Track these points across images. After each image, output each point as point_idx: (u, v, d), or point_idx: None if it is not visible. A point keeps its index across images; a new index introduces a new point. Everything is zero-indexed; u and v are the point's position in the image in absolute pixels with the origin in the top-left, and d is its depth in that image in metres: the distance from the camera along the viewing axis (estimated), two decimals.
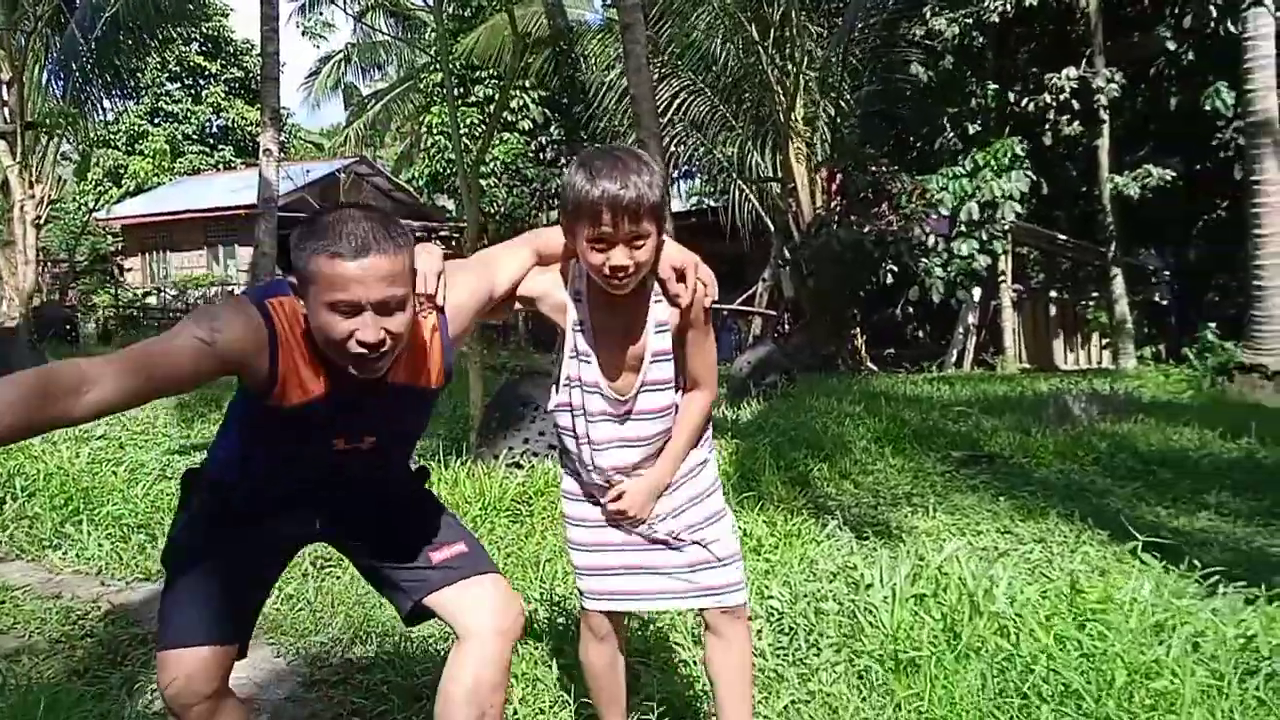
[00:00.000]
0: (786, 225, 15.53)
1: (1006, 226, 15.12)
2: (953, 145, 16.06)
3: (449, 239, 27.50)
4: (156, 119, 33.60)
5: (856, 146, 16.18)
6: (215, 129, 34.98)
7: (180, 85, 34.39)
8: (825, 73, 15.78)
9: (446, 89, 17.91)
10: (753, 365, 9.74)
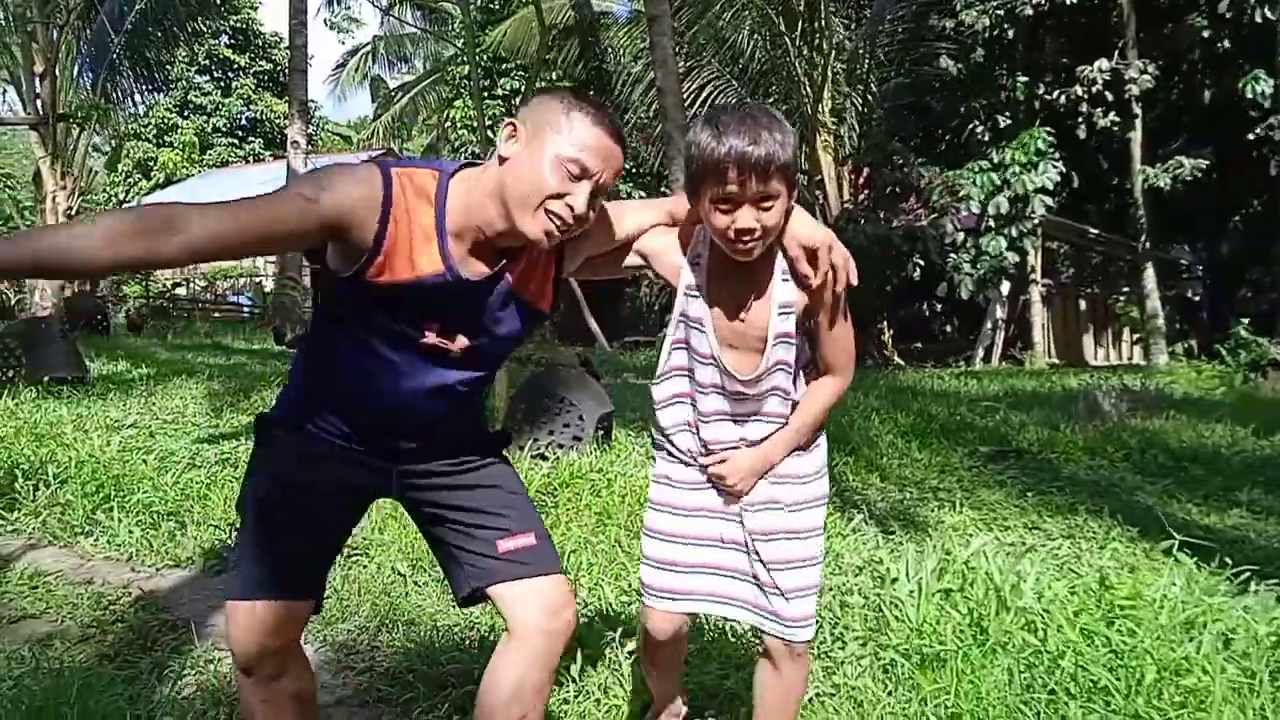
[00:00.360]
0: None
1: (1036, 221, 14.95)
2: (982, 138, 15.93)
3: None
4: (186, 111, 33.92)
5: (884, 140, 16.07)
6: (244, 121, 35.27)
7: (210, 78, 34.71)
8: (853, 65, 15.69)
9: (473, 82, 17.99)
10: None
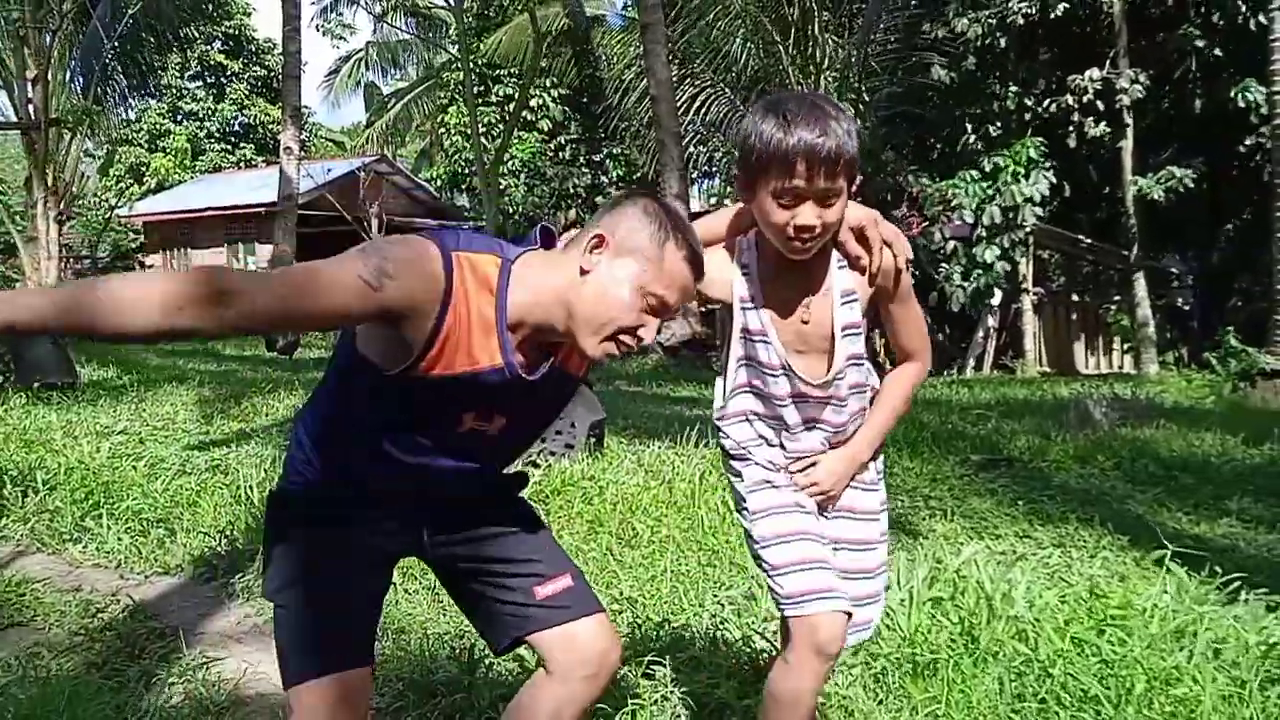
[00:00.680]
0: None
1: (1028, 230, 15.01)
2: (975, 148, 15.99)
3: None
4: (179, 117, 33.87)
5: (878, 147, 16.12)
6: (237, 127, 35.22)
7: (203, 84, 34.66)
8: (845, 73, 15.74)
9: (466, 88, 17.93)
10: None
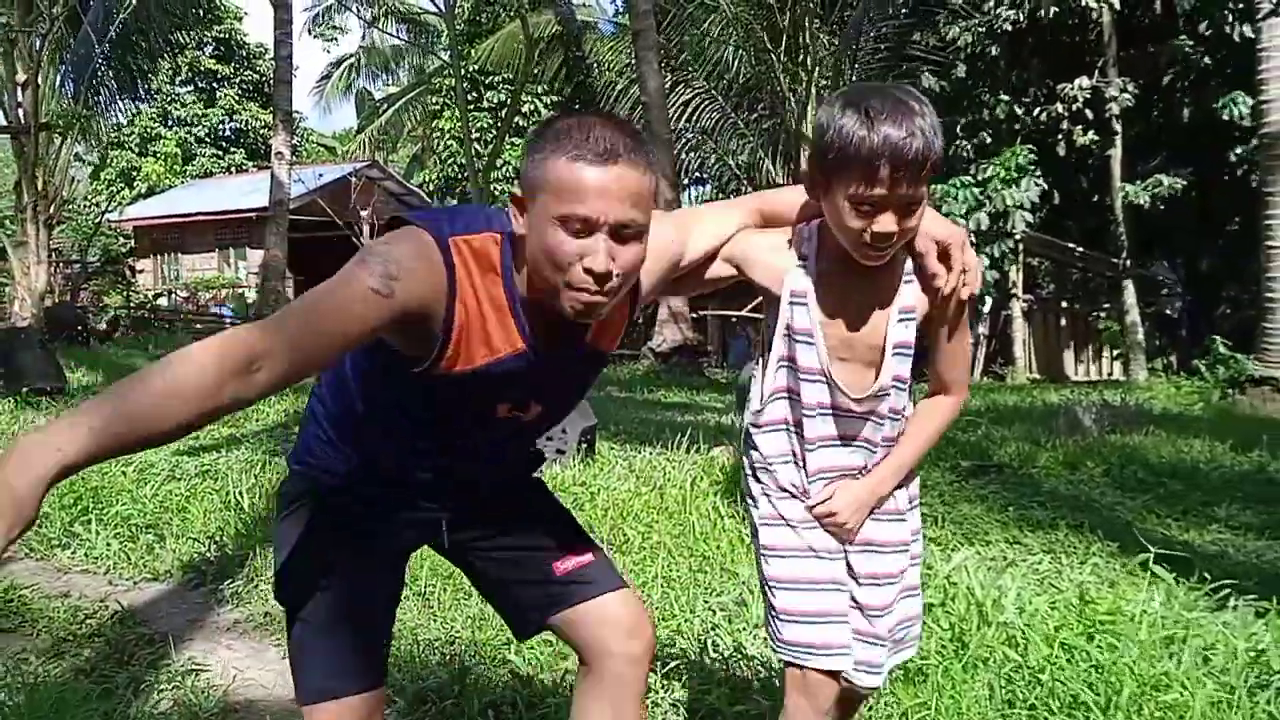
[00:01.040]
0: None
1: (1018, 237, 15.09)
2: (966, 155, 16.06)
3: None
4: (169, 122, 33.78)
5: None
6: (228, 132, 35.15)
7: (193, 88, 34.59)
8: (837, 79, 15.80)
9: (459, 94, 17.94)
10: None
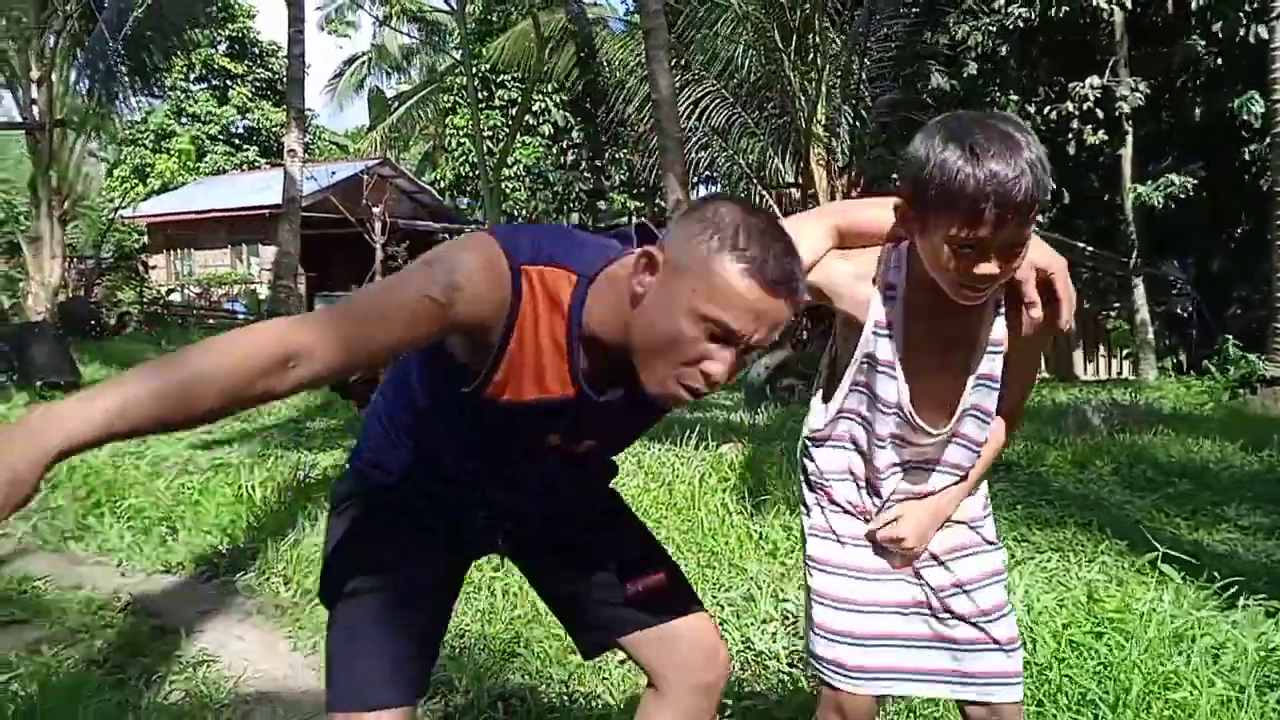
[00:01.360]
0: None
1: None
2: None
3: None
4: (183, 119, 33.92)
5: (883, 152, 16.16)
6: (241, 129, 35.28)
7: (207, 85, 34.72)
8: (846, 79, 15.78)
9: (470, 92, 17.95)
10: (770, 370, 9.73)
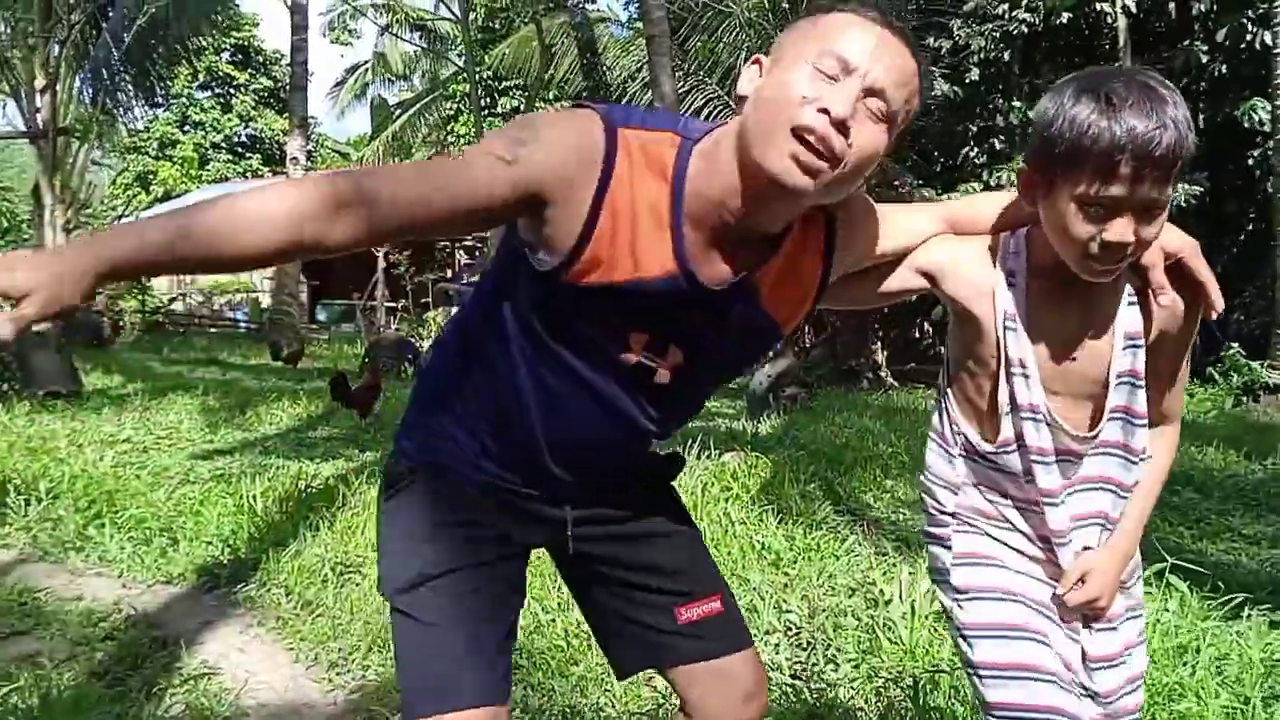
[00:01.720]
0: None
1: None
2: (977, 161, 16.03)
3: (473, 249, 27.65)
4: (186, 127, 34.02)
5: (883, 159, 16.19)
6: (244, 138, 35.37)
7: (210, 93, 34.83)
8: None
9: (473, 100, 18.02)
10: (772, 378, 9.72)
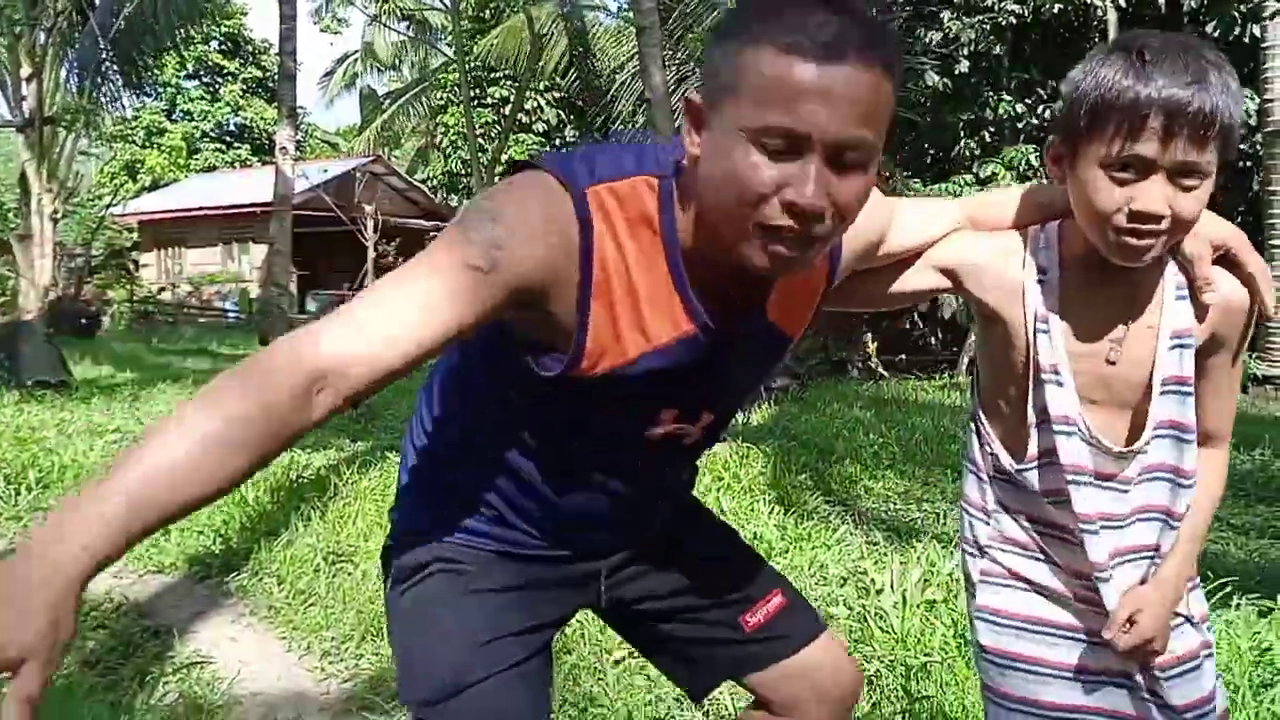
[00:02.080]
0: None
1: None
2: (968, 153, 16.05)
3: None
4: (174, 116, 33.84)
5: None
6: (232, 127, 35.20)
7: (199, 83, 34.63)
8: None
9: (463, 90, 17.93)
10: None
